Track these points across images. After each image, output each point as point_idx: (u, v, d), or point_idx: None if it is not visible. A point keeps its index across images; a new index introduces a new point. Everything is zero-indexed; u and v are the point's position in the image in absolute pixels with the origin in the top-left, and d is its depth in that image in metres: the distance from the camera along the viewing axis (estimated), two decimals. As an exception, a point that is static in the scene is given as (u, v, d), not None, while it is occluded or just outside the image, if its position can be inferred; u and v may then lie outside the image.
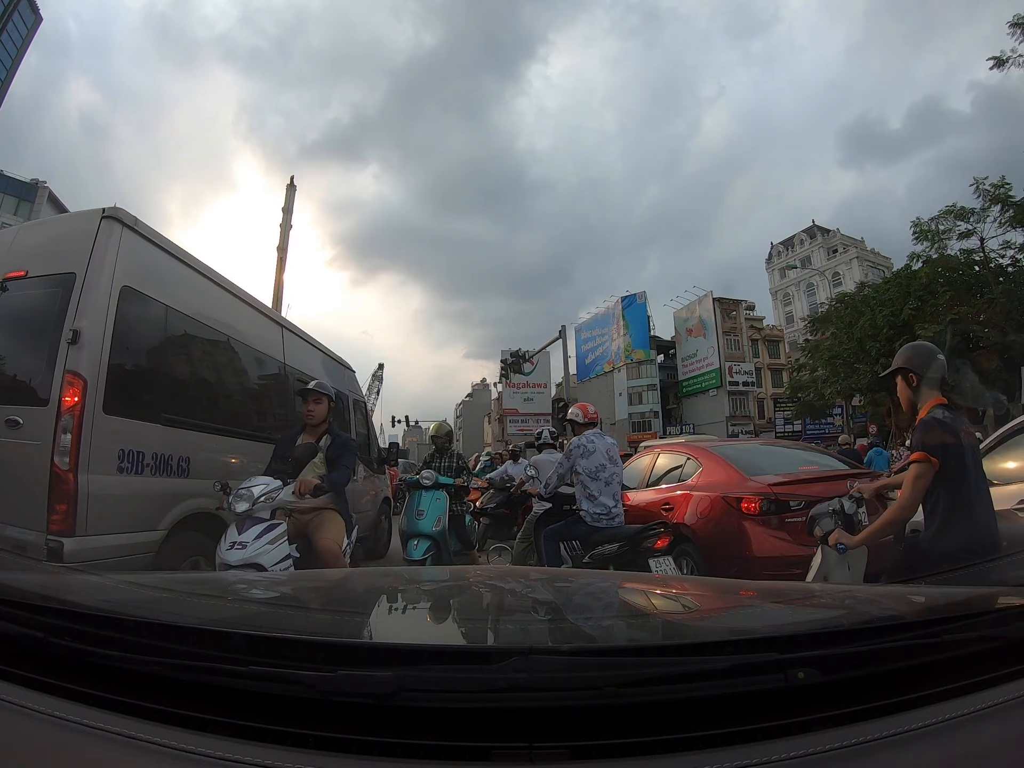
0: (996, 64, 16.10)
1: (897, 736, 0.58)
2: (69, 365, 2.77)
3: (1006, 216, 17.09)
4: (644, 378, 40.36)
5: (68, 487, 2.70)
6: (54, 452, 2.71)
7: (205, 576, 2.10)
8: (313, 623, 0.94)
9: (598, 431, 4.01)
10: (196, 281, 3.79)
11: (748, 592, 1.37)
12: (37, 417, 2.79)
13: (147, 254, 3.33)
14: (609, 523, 3.68)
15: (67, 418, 2.73)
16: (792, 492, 3.78)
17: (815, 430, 30.69)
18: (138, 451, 3.07)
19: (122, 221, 3.12)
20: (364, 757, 0.56)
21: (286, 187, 15.44)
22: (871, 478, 4.15)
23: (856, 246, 41.54)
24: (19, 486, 2.79)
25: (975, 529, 2.06)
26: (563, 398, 20.10)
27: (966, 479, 2.10)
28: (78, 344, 2.79)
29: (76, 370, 2.77)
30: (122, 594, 1.06)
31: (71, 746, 0.58)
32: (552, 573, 2.36)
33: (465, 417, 69.37)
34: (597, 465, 3.77)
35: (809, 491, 3.79)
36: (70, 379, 2.76)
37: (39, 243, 3.25)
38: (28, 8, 30.56)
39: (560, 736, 0.58)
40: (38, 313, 3.07)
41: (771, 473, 3.97)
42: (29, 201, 29.79)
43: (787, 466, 4.33)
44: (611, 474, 3.79)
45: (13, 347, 3.18)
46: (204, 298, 3.84)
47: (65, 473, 2.70)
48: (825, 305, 26.54)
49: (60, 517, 2.68)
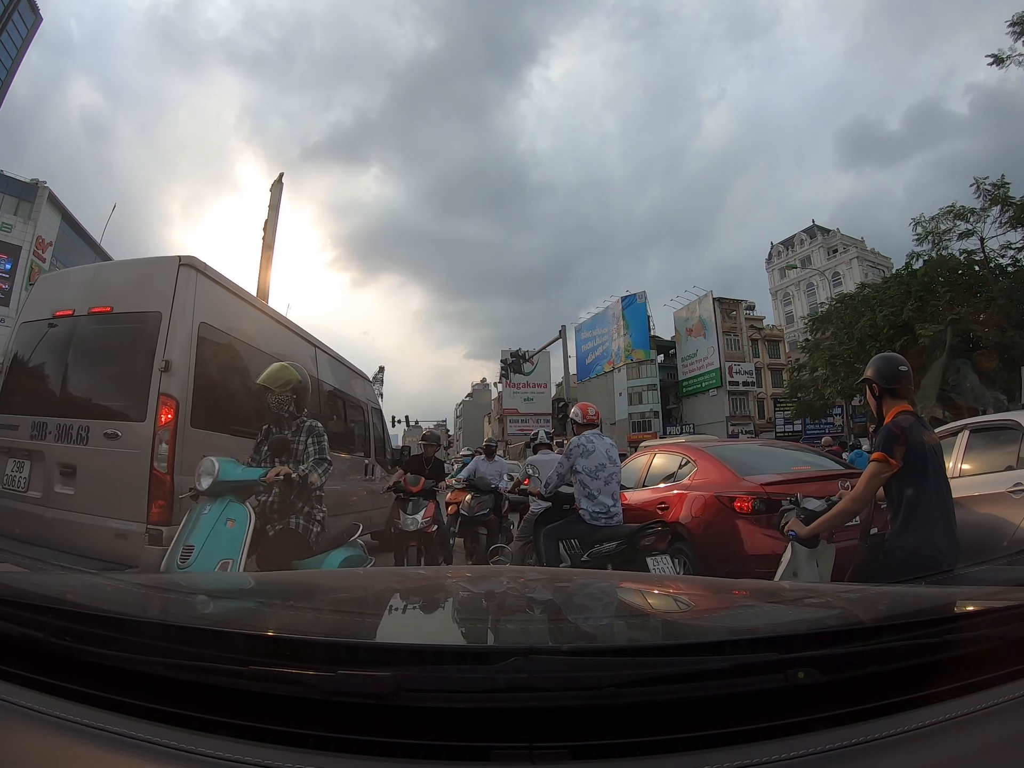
0: (995, 62, 16.11)
1: (897, 736, 0.58)
2: (163, 389, 3.33)
3: (1006, 216, 17.09)
4: (644, 378, 40.37)
5: (166, 487, 3.23)
6: (154, 459, 3.25)
7: (205, 576, 2.10)
8: (313, 623, 0.94)
9: (597, 431, 4.03)
10: (250, 312, 4.49)
11: (748, 592, 1.37)
12: (134, 431, 3.34)
13: (215, 293, 3.90)
14: (608, 522, 3.70)
15: (164, 431, 3.28)
16: (784, 492, 3.81)
17: (815, 430, 30.66)
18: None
19: (195, 267, 3.66)
20: (364, 757, 0.56)
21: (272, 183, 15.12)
22: None
23: (856, 246, 41.51)
24: (118, 487, 3.35)
25: (933, 526, 2.20)
26: (563, 398, 20.07)
27: (925, 481, 2.24)
28: (170, 372, 3.34)
29: (170, 393, 3.33)
30: (122, 594, 1.06)
31: (71, 746, 0.58)
32: (552, 573, 2.36)
33: (465, 417, 69.44)
34: (597, 464, 3.79)
35: (800, 491, 3.74)
36: (165, 400, 3.32)
37: (120, 283, 3.81)
38: (28, 8, 30.54)
39: (560, 736, 0.58)
40: (126, 344, 3.64)
41: (764, 473, 4.02)
42: (29, 201, 29.74)
43: (780, 466, 4.38)
44: (610, 473, 3.81)
45: (104, 372, 3.73)
46: (256, 326, 4.51)
47: (163, 475, 3.24)
48: (825, 305, 26.52)
49: (159, 510, 3.20)
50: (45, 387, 3.87)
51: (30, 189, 29.97)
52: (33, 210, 29.66)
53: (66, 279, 4.42)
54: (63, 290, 4.05)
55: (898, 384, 2.40)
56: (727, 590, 1.39)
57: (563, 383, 25.17)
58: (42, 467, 3.58)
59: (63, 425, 3.53)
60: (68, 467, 3.49)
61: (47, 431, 3.58)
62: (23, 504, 3.57)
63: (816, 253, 43.26)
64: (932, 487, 2.25)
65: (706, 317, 38.35)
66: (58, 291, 4.08)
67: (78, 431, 3.48)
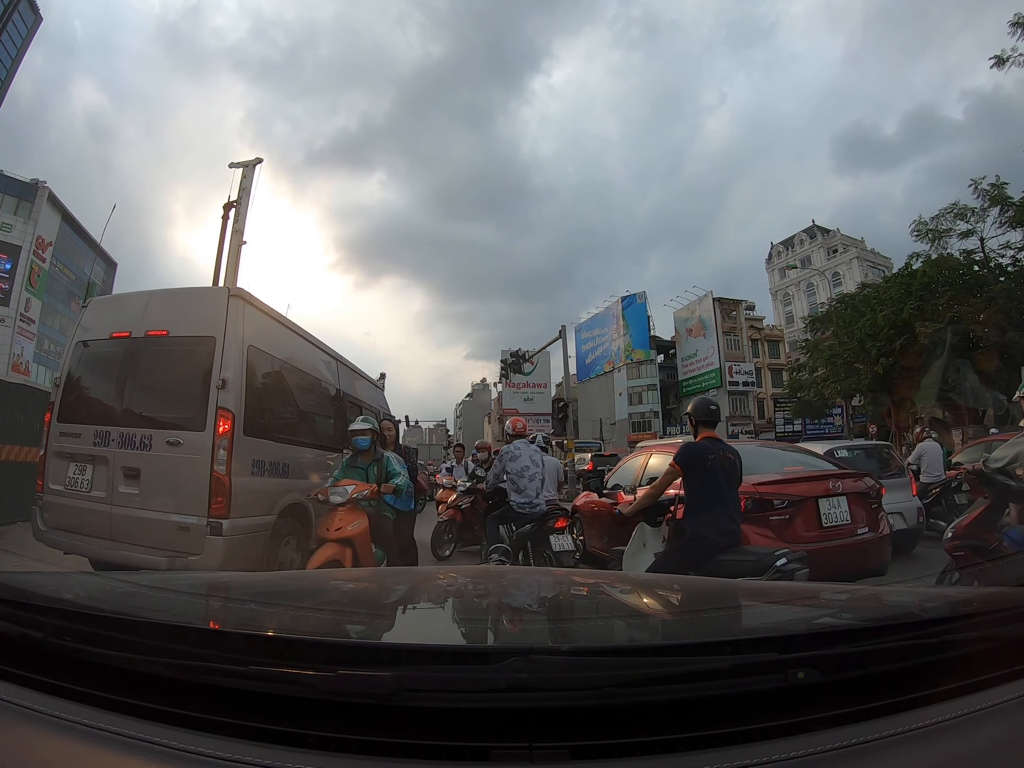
0: (997, 63, 16.12)
1: (897, 736, 0.58)
2: (221, 403, 3.91)
3: (1006, 216, 17.09)
4: (644, 378, 40.36)
5: (224, 486, 3.82)
6: (214, 462, 3.82)
7: (205, 576, 2.10)
8: (313, 623, 0.94)
9: (525, 440, 4.93)
10: (287, 335, 5.16)
11: (748, 592, 1.37)
12: (195, 439, 3.90)
13: (260, 319, 4.56)
14: (531, 511, 4.62)
15: (223, 439, 3.87)
16: (775, 491, 3.94)
17: (815, 430, 30.65)
18: (262, 460, 4.29)
19: (243, 297, 4.31)
20: (364, 757, 0.56)
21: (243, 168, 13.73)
22: (855, 478, 4.41)
23: (856, 246, 41.49)
24: (180, 487, 3.88)
25: (710, 516, 2.98)
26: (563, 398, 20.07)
27: (709, 484, 3.04)
28: (226, 389, 3.92)
29: (227, 407, 3.91)
30: (122, 594, 1.06)
31: (71, 746, 0.58)
32: (552, 573, 2.36)
33: (465, 417, 69.44)
34: (522, 467, 4.70)
35: (792, 490, 4.00)
36: (223, 413, 3.89)
37: (173, 310, 4.33)
38: (28, 8, 30.52)
39: (560, 736, 0.58)
40: (182, 364, 4.21)
41: (757, 473, 4.03)
42: (29, 201, 29.74)
43: (774, 467, 4.46)
44: (532, 473, 4.70)
45: (162, 388, 4.28)
46: (292, 346, 5.18)
47: (223, 476, 3.83)
48: (825, 305, 26.52)
49: (219, 506, 3.79)
50: (105, 400, 4.40)
51: (30, 189, 29.95)
52: (33, 210, 29.65)
53: (120, 304, 4.87)
54: (118, 314, 4.54)
55: (707, 418, 3.28)
56: (727, 590, 1.39)
57: (563, 383, 25.15)
58: (105, 470, 4.08)
59: (126, 434, 4.07)
60: (132, 470, 4.00)
61: (110, 439, 4.10)
62: (87, 503, 4.07)
63: (816, 253, 43.24)
64: (712, 488, 3.03)
65: (706, 317, 38.32)
66: (113, 314, 4.58)
67: (141, 439, 4.02)
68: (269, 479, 4.41)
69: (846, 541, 3.94)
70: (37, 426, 7.68)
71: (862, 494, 4.23)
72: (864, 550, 4.03)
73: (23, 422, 7.53)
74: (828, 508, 3.98)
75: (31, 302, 29.36)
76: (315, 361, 5.72)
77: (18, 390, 8.17)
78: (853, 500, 4.10)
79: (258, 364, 4.39)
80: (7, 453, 7.29)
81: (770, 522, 3.82)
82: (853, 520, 4.05)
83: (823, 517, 3.95)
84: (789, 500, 3.91)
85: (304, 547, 4.62)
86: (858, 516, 4.09)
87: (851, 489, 4.16)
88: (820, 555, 3.48)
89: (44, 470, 4.33)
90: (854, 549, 3.96)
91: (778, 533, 3.76)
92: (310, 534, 4.67)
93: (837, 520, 4.00)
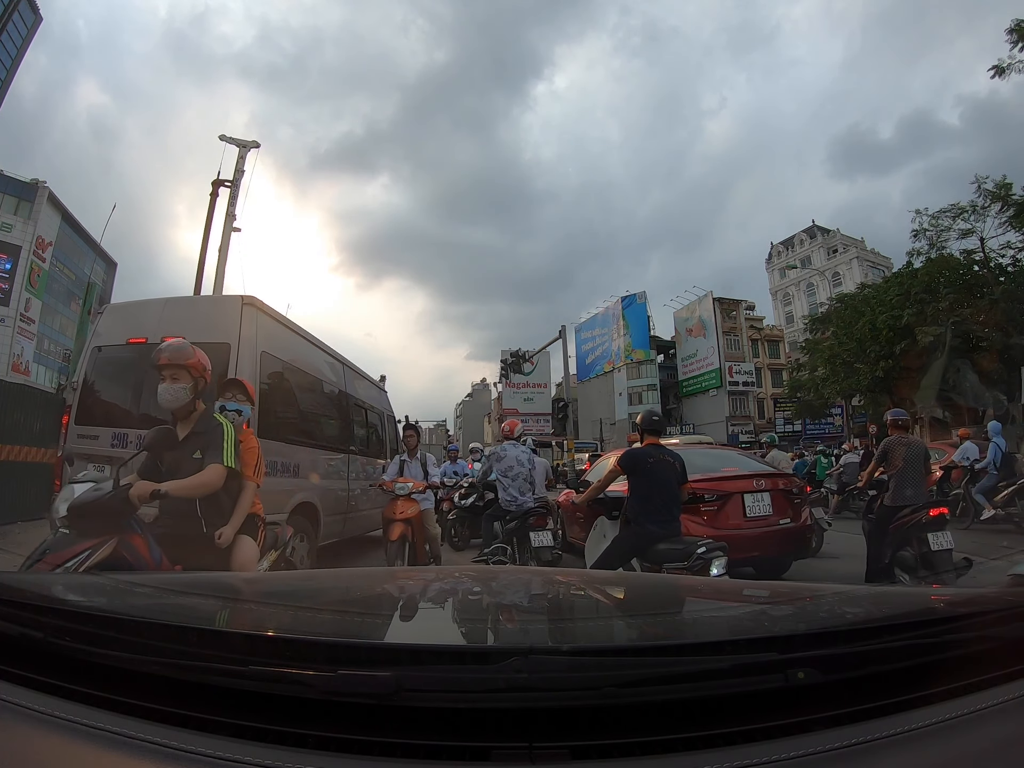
0: (997, 72, 15.95)
1: (897, 736, 0.58)
2: None
3: (1006, 215, 17.05)
4: (644, 378, 40.33)
5: None
6: None
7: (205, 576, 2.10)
8: (313, 623, 0.94)
9: (513, 442, 5.23)
10: (296, 340, 5.32)
11: (748, 592, 1.37)
12: None
13: (271, 326, 4.74)
14: (518, 508, 4.87)
15: None
16: (706, 487, 4.68)
17: (815, 430, 30.67)
18: (274, 460, 4.36)
19: (256, 305, 4.52)
20: (364, 757, 0.56)
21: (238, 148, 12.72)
22: (782, 479, 5.17)
23: (856, 246, 41.49)
24: None
25: (651, 507, 3.44)
26: (563, 398, 20.08)
27: (648, 484, 3.50)
28: None
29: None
30: (122, 594, 1.06)
31: (71, 746, 0.58)
32: (552, 573, 2.35)
33: (465, 417, 69.42)
34: (507, 467, 5.01)
35: (720, 487, 4.75)
36: None
37: (188, 316, 4.54)
38: (28, 8, 30.51)
39: (560, 736, 0.58)
40: None
41: (698, 472, 4.57)
42: (29, 201, 29.74)
43: (713, 467, 5.13)
44: (517, 473, 5.00)
45: None
46: (301, 350, 5.38)
47: None
48: (825, 305, 26.52)
49: None
50: (122, 403, 4.55)
51: (30, 189, 29.96)
52: (33, 210, 29.65)
53: (136, 310, 4.97)
54: (134, 320, 4.68)
55: (652, 427, 3.80)
56: (727, 590, 1.39)
57: (563, 383, 25.15)
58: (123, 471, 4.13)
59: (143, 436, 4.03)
60: None
61: (128, 441, 4.23)
62: None
63: (816, 253, 43.25)
64: (651, 487, 3.49)
65: (706, 317, 38.32)
66: (129, 321, 4.71)
67: None
68: (282, 478, 4.55)
69: (768, 529, 4.70)
70: (37, 426, 7.75)
71: (784, 491, 4.97)
72: (785, 536, 4.78)
73: (23, 422, 7.53)
74: (752, 502, 4.73)
75: (31, 302, 29.38)
76: (322, 365, 5.92)
77: (18, 390, 8.18)
78: (776, 496, 4.85)
79: (270, 368, 4.60)
80: (7, 453, 7.30)
81: (702, 512, 4.57)
82: (775, 512, 4.79)
83: (747, 509, 4.70)
84: (718, 494, 4.67)
85: (313, 545, 5.06)
86: (780, 509, 4.82)
87: (774, 487, 4.90)
88: (745, 539, 4.44)
89: (61, 470, 4.40)
90: (776, 535, 4.71)
91: (710, 521, 4.53)
92: (319, 532, 5.23)
93: (760, 512, 4.74)
